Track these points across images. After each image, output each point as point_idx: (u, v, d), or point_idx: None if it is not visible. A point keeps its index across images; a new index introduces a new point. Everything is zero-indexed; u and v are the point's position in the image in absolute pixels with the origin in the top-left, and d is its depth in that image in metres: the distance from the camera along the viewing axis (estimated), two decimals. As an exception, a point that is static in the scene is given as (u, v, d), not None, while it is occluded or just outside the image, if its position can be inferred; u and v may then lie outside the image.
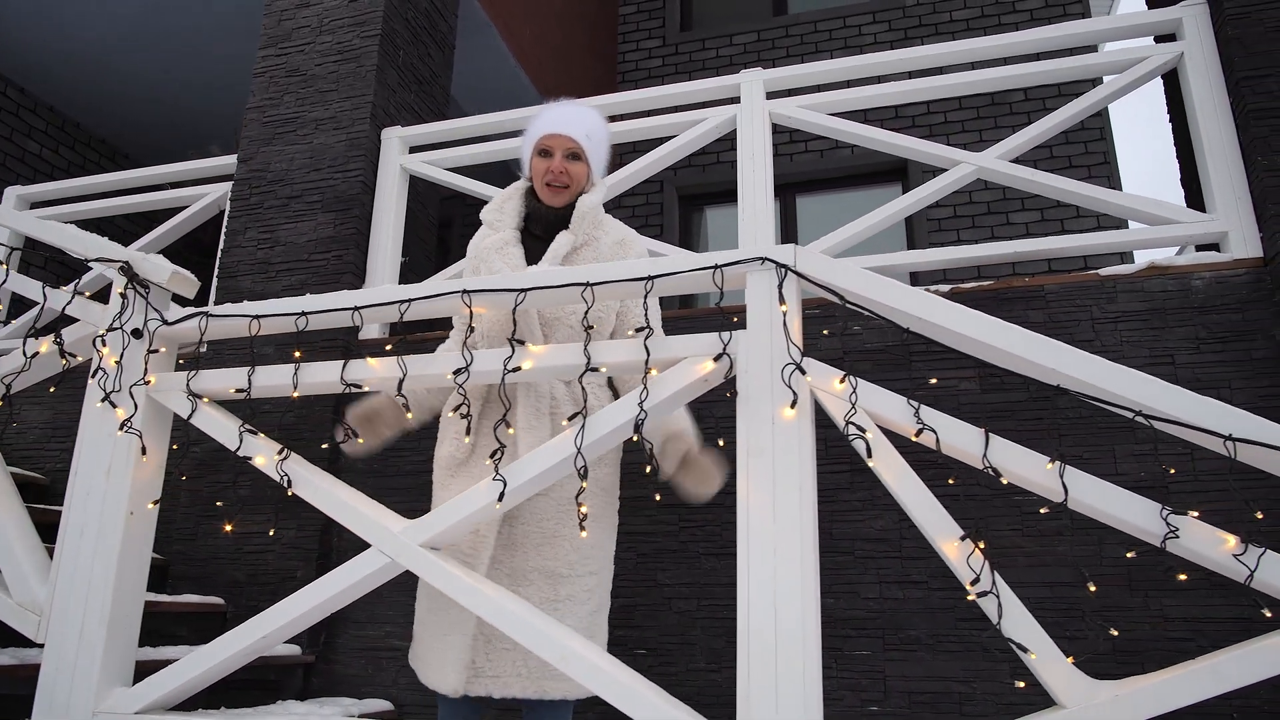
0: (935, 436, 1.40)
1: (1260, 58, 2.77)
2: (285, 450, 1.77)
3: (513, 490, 1.59)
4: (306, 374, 1.79)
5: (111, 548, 1.81)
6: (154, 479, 1.91)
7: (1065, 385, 1.37)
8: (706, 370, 1.55)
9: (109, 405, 1.89)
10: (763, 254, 1.57)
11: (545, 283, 1.67)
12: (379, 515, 1.66)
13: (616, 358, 1.61)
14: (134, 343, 1.93)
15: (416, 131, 3.66)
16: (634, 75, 6.94)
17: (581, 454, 1.55)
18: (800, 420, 1.47)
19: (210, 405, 1.87)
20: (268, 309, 1.85)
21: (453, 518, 1.61)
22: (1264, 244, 2.69)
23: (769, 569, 1.42)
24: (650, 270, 1.61)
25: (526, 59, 5.20)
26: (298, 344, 1.98)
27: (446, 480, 1.90)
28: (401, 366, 1.71)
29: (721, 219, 6.67)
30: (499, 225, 2.03)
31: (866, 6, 6.60)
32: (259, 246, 3.56)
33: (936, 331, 1.47)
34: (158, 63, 5.30)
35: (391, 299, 1.75)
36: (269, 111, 3.76)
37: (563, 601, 1.76)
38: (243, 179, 3.67)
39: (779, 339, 1.51)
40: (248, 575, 3.17)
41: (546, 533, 1.78)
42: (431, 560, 1.58)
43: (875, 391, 1.46)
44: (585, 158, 2.02)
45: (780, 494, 1.45)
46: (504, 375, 1.63)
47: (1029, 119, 5.74)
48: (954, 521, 1.38)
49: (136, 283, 1.96)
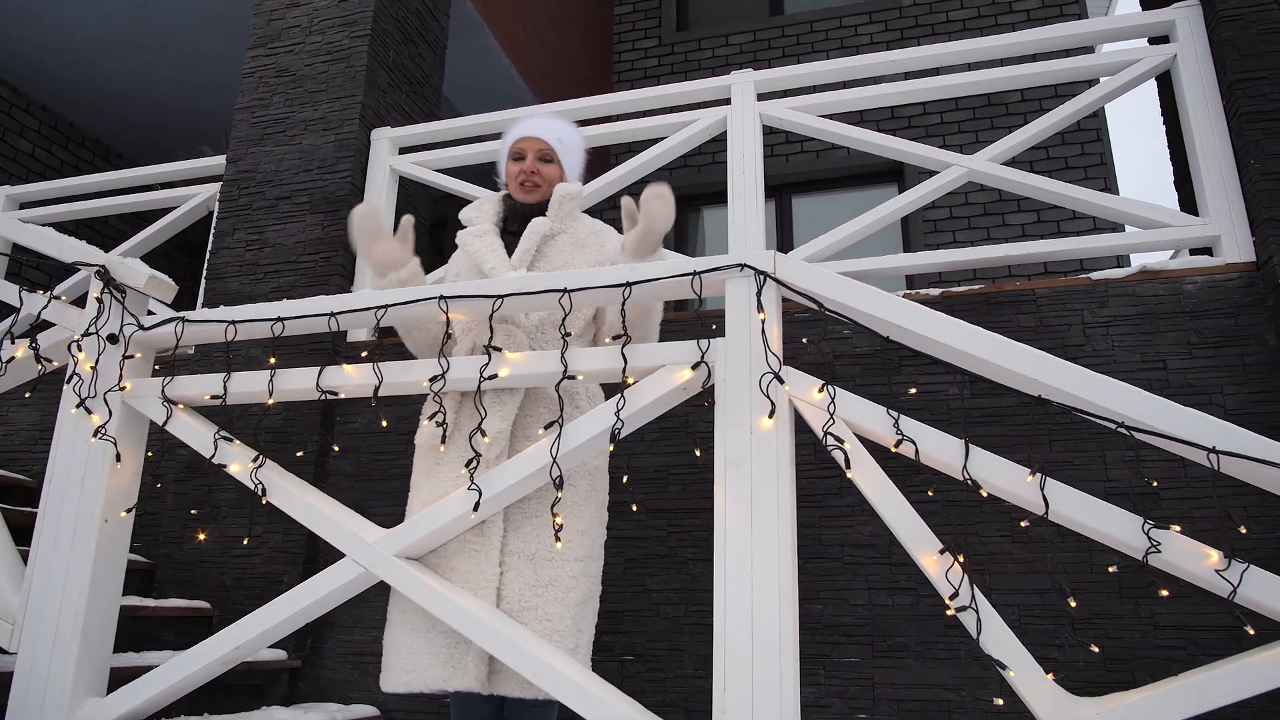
0: (915, 447, 1.38)
1: (1254, 60, 2.74)
2: (260, 457, 1.74)
3: (488, 500, 1.56)
4: (283, 380, 1.76)
5: (85, 556, 1.78)
6: (129, 486, 1.89)
7: (1047, 395, 1.35)
8: (684, 378, 1.53)
9: (84, 411, 1.87)
10: (741, 260, 1.54)
11: (523, 289, 1.64)
12: (353, 524, 1.64)
13: (593, 365, 1.58)
14: (110, 348, 1.91)
15: (406, 132, 3.64)
16: (630, 75, 6.91)
17: (557, 464, 1.53)
18: (779, 430, 1.45)
19: (186, 411, 1.85)
20: (243, 314, 1.83)
21: (427, 527, 1.59)
22: (1256, 248, 2.66)
23: (746, 579, 1.40)
24: (628, 276, 1.59)
25: (520, 59, 5.18)
26: (275, 348, 1.96)
27: (431, 470, 1.85)
28: (377, 374, 1.69)
29: (718, 220, 6.64)
30: (477, 220, 2.07)
31: (863, 7, 6.58)
32: (247, 248, 3.54)
33: (917, 340, 1.44)
34: (151, 62, 5.28)
35: (368, 304, 1.72)
36: (258, 112, 3.74)
37: (546, 587, 1.69)
38: (231, 180, 3.65)
39: (758, 347, 1.49)
40: (234, 579, 3.15)
41: (526, 512, 1.73)
42: (405, 570, 1.56)
43: (854, 401, 1.44)
44: (558, 160, 2.07)
45: (758, 504, 1.42)
46: (480, 383, 1.61)
47: (1025, 119, 5.72)
48: (933, 534, 1.35)
49: (113, 287, 1.94)
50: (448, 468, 1.82)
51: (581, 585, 1.77)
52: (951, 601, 1.30)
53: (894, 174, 6.27)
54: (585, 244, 2.02)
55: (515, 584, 1.68)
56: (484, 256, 1.94)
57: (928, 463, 1.37)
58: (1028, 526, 2.55)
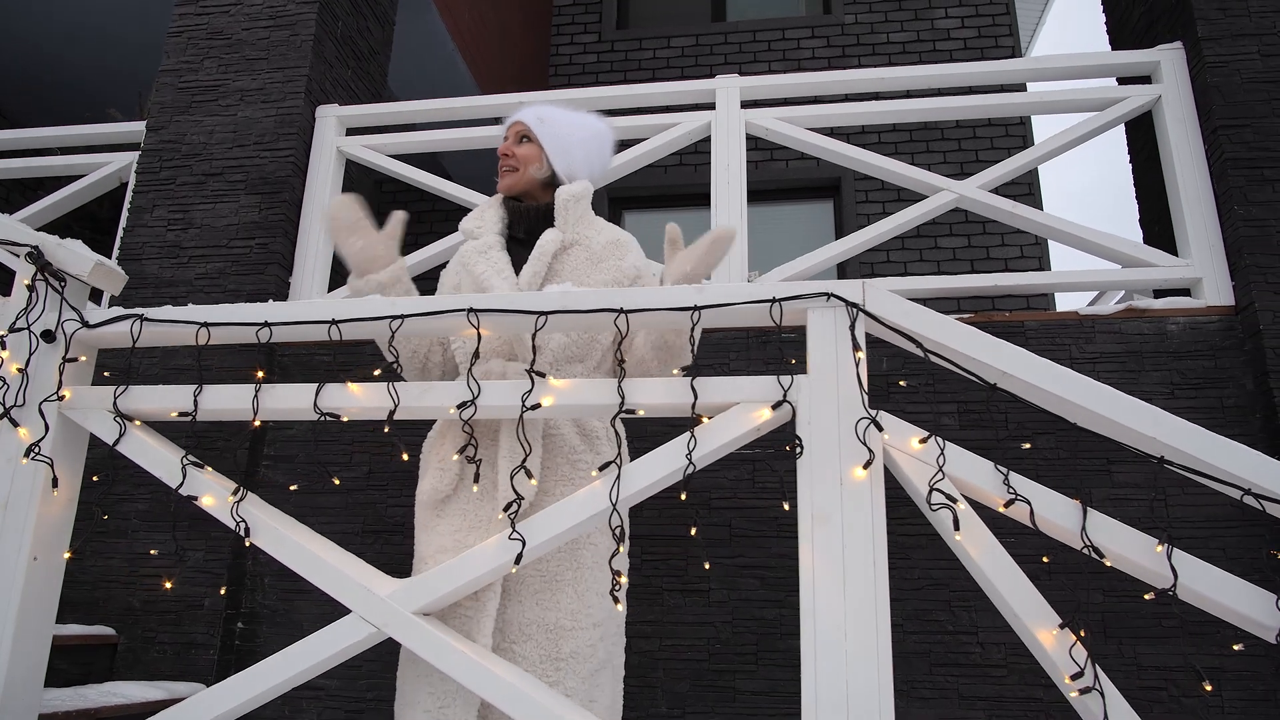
0: (1029, 508, 1.25)
1: (1238, 108, 2.79)
2: (241, 490, 1.46)
3: (531, 550, 1.35)
4: (271, 397, 1.49)
5: (8, 604, 1.46)
6: (64, 517, 1.56)
7: (1169, 456, 1.25)
8: (762, 419, 1.36)
9: (9, 424, 1.54)
10: (827, 289, 1.38)
11: (570, 306, 1.43)
12: (360, 574, 1.38)
13: (656, 398, 1.39)
14: (44, 348, 1.58)
15: (356, 112, 3.32)
16: (567, 70, 6.67)
17: (617, 511, 1.33)
18: (873, 482, 1.30)
19: (143, 429, 1.54)
20: (221, 315, 1.54)
21: (455, 580, 1.35)
22: (1235, 292, 2.71)
23: (839, 652, 1.24)
24: (695, 299, 1.41)
25: (465, 44, 4.87)
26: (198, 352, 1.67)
27: (431, 521, 1.62)
28: (393, 396, 1.44)
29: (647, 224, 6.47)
30: (480, 232, 1.83)
31: (805, 21, 6.56)
32: (169, 227, 3.14)
33: (1022, 387, 1.32)
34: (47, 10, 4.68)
35: (382, 313, 1.47)
36: (186, 77, 3.33)
37: (565, 660, 1.52)
38: (152, 150, 3.24)
39: (849, 388, 1.33)
40: (144, 602, 2.78)
41: (547, 576, 1.54)
42: (427, 631, 1.32)
43: (961, 455, 1.30)
44: (535, 139, 1.86)
45: (852, 568, 1.27)
46: (522, 413, 1.39)
47: (991, 144, 5.84)
48: (1049, 607, 1.23)
49: (49, 273, 1.61)
50: (448, 519, 1.61)
51: (597, 653, 1.61)
52: (1074, 682, 1.18)
53: (832, 190, 6.28)
54: (601, 258, 1.80)
55: (534, 656, 1.48)
56: (489, 279, 1.71)
57: (1043, 527, 1.25)
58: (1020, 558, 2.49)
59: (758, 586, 2.68)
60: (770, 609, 2.65)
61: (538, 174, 1.85)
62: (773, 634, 2.63)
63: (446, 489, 1.62)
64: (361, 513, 2.87)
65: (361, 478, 2.95)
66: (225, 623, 2.76)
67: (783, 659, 2.60)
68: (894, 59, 6.33)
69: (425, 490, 1.67)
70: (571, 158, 1.87)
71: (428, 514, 1.66)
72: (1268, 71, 2.81)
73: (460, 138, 3.28)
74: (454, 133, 3.29)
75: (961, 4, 6.36)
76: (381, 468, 2.95)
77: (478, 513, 1.57)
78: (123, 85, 5.03)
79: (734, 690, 2.61)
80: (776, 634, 2.63)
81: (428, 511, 1.66)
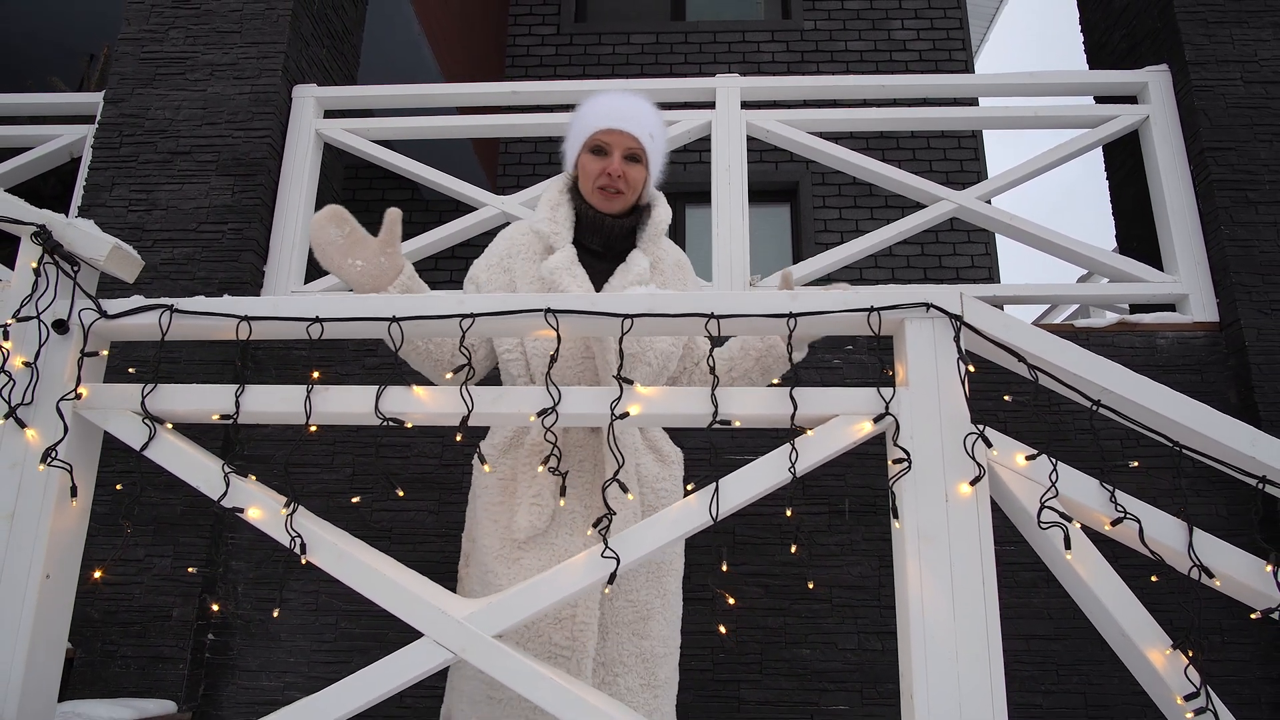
0: (1139, 527, 1.24)
1: (1223, 131, 2.89)
2: (293, 502, 1.33)
3: (624, 569, 1.27)
4: (324, 401, 1.36)
5: (18, 627, 1.29)
6: (79, 529, 1.40)
7: (1271, 476, 1.25)
8: (864, 432, 1.31)
9: (15, 424, 1.36)
10: (925, 299, 1.34)
11: (657, 309, 1.35)
12: (432, 595, 1.27)
13: (751, 409, 1.32)
14: (55, 339, 1.41)
15: (336, 94, 3.15)
16: (524, 61, 6.53)
17: (716, 522, 1.26)
18: (979, 499, 1.27)
19: (175, 434, 1.39)
20: (266, 309, 1.40)
21: (538, 601, 1.26)
22: (1220, 309, 2.80)
23: (950, 675, 1.20)
24: (790, 306, 1.35)
25: (431, 28, 4.70)
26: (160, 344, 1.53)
27: (512, 553, 1.52)
28: (467, 401, 1.33)
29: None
30: (558, 241, 1.66)
31: (765, 25, 6.59)
32: (130, 208, 2.91)
33: (1127, 405, 1.31)
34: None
35: (452, 311, 1.36)
36: (149, 46, 3.09)
37: (661, 687, 1.52)
38: (111, 123, 2.99)
39: (952, 401, 1.30)
40: (105, 613, 2.57)
41: (639, 607, 1.50)
42: (516, 659, 1.22)
43: (1068, 473, 1.28)
44: (645, 161, 1.70)
45: (960, 587, 1.23)
46: (611, 420, 1.31)
47: (945, 155, 5.95)
48: (1159, 626, 1.22)
49: (59, 256, 1.44)
50: (533, 552, 1.54)
51: (676, 674, 1.66)
52: (1187, 703, 1.17)
53: (789, 193, 6.32)
54: (670, 279, 1.74)
55: (634, 685, 1.44)
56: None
57: (1152, 545, 1.24)
58: (1016, 568, 2.51)
59: (762, 595, 2.64)
60: (774, 617, 2.62)
61: (636, 196, 1.72)
62: (777, 643, 2.60)
63: (543, 525, 1.53)
64: (343, 517, 2.71)
65: (344, 480, 2.79)
66: (195, 634, 2.57)
67: (787, 668, 2.57)
68: (851, 67, 6.41)
69: (521, 528, 1.54)
70: (660, 175, 1.78)
71: (509, 547, 1.55)
72: (1250, 97, 2.92)
73: (447, 125, 3.15)
74: (440, 120, 3.15)
75: (917, 16, 6.48)
76: (365, 470, 2.80)
77: (568, 547, 1.50)
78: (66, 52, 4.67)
79: (739, 700, 2.57)
80: (780, 643, 2.60)
81: (509, 545, 1.55)
